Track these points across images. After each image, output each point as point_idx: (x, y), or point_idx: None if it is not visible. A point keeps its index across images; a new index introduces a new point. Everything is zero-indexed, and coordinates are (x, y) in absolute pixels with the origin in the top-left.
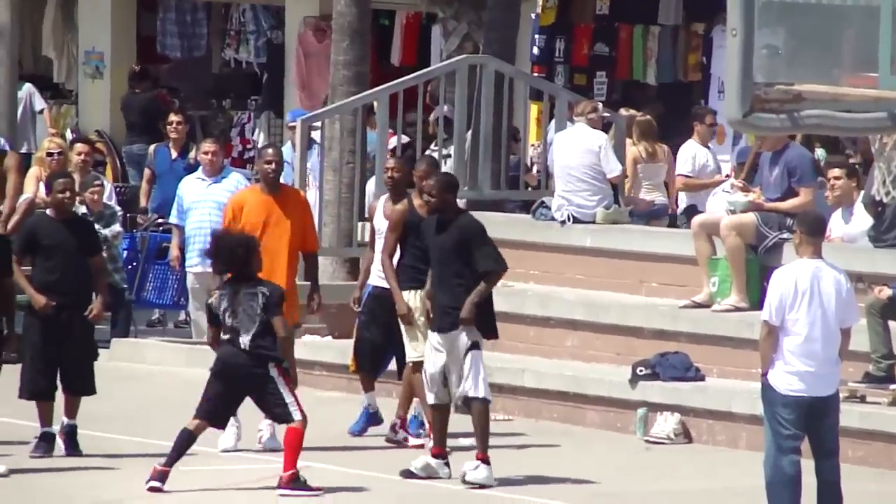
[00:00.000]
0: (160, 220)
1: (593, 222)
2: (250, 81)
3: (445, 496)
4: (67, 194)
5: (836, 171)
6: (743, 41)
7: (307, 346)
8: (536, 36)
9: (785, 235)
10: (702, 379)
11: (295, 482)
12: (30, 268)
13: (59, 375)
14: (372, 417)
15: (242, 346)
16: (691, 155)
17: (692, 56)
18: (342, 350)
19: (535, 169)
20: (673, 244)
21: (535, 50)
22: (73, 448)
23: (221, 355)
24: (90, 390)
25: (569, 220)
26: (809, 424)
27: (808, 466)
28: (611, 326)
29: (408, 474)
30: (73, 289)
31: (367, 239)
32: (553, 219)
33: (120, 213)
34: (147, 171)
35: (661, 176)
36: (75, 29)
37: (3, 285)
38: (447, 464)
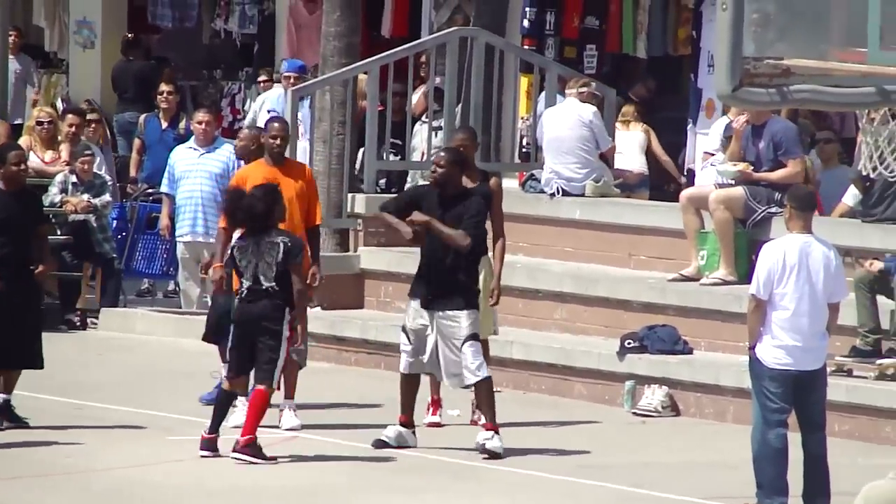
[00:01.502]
0: (150, 190)
1: (582, 195)
2: (241, 52)
3: (436, 467)
4: (22, 167)
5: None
6: (733, 15)
7: None
8: (527, 9)
9: (773, 209)
10: (690, 352)
11: (251, 447)
12: None
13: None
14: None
15: (264, 286)
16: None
17: (682, 30)
18: (331, 321)
19: (524, 141)
20: (662, 217)
21: (526, 23)
22: (13, 419)
23: (242, 301)
24: (38, 364)
25: (558, 192)
26: (796, 398)
27: (795, 440)
28: (599, 299)
29: (380, 444)
30: (23, 262)
31: (356, 210)
32: (542, 191)
33: (110, 183)
34: (137, 141)
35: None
36: None
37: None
38: (414, 433)
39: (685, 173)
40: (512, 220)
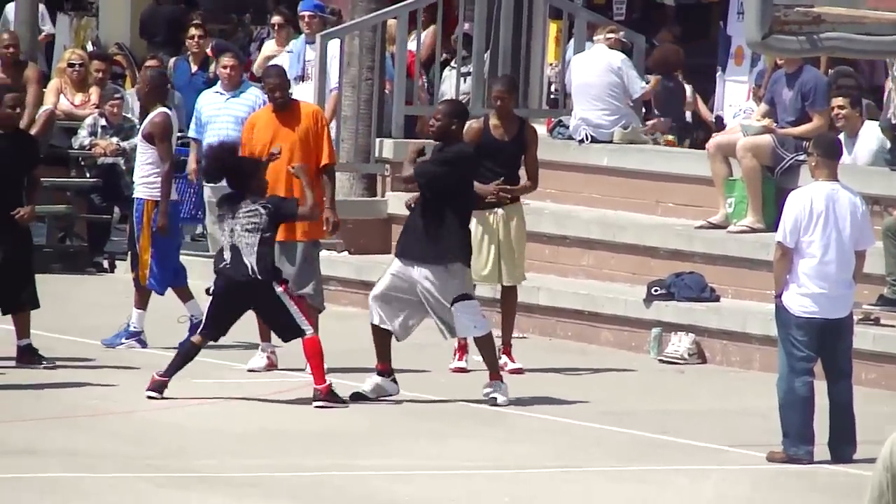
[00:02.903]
0: (178, 134)
1: (610, 142)
2: None
3: (460, 413)
4: (17, 109)
5: (839, 101)
6: None
7: (322, 262)
8: None
9: (801, 157)
10: (716, 300)
11: (330, 394)
12: None
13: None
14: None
15: (248, 266)
16: None
17: None
18: (358, 266)
19: (552, 88)
20: (690, 164)
21: None
22: (36, 360)
23: (223, 275)
24: (33, 304)
25: (586, 139)
26: (823, 346)
27: (821, 388)
28: (626, 246)
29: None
30: (17, 204)
31: (384, 155)
32: (571, 138)
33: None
34: None
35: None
36: None
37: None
38: (394, 380)
39: (713, 120)
40: (540, 167)
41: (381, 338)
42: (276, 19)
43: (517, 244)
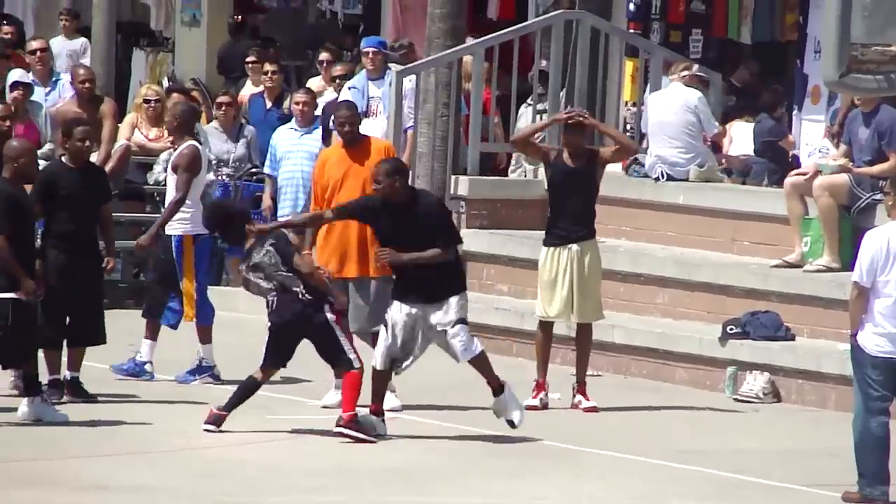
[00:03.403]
0: (253, 170)
1: (686, 180)
2: (346, 32)
3: (533, 450)
4: (87, 143)
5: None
6: (842, 0)
7: None
8: None
9: (878, 196)
10: (792, 338)
11: (354, 423)
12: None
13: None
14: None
15: (299, 295)
16: None
17: (789, 15)
18: None
19: (628, 127)
20: (765, 203)
21: (632, 6)
22: (81, 395)
23: (276, 309)
24: (101, 340)
25: (662, 177)
26: None
27: None
28: (702, 284)
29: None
30: (88, 238)
31: (460, 192)
32: (646, 176)
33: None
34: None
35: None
36: None
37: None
38: (384, 421)
39: (790, 159)
40: (615, 204)
41: (382, 380)
42: (323, 55)
43: (591, 280)
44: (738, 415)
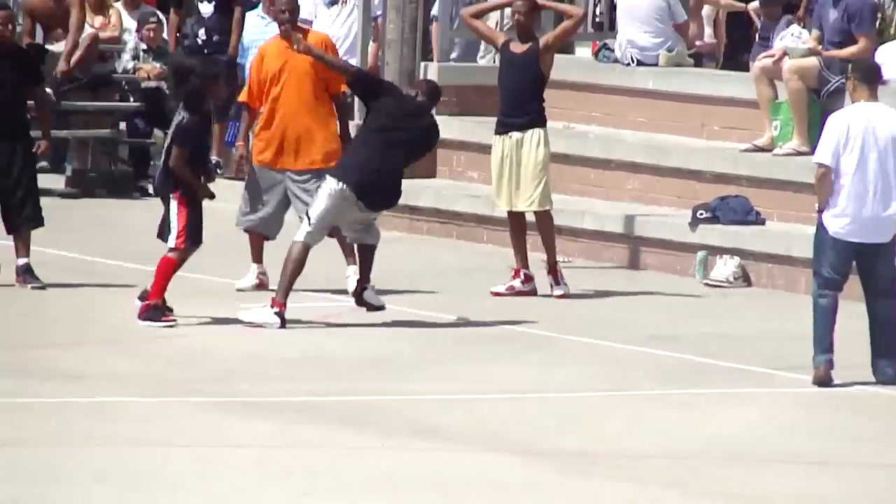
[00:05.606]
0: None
1: (656, 65)
2: None
3: (504, 336)
4: (8, 26)
5: None
6: None
7: None
8: None
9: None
10: (762, 223)
11: (154, 311)
12: None
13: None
14: None
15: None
16: None
17: None
18: (404, 190)
19: (598, 10)
20: (735, 88)
21: None
22: (33, 280)
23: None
24: (38, 222)
25: (632, 62)
26: (861, 268)
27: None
28: (672, 169)
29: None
30: (14, 123)
31: (428, 78)
32: (616, 61)
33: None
34: None
35: None
36: None
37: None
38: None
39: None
40: (585, 90)
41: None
42: None
43: (527, 170)
44: (709, 299)
